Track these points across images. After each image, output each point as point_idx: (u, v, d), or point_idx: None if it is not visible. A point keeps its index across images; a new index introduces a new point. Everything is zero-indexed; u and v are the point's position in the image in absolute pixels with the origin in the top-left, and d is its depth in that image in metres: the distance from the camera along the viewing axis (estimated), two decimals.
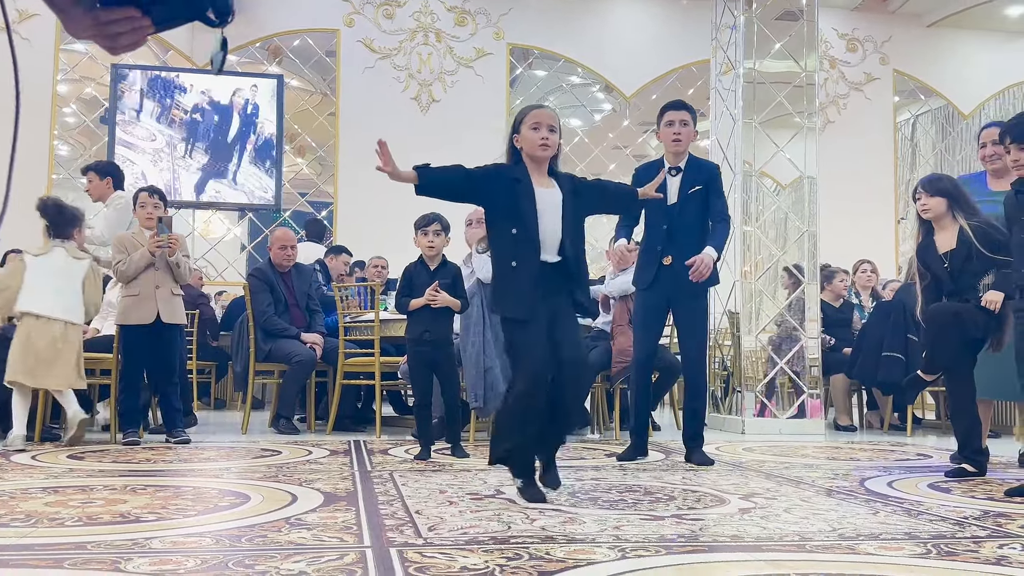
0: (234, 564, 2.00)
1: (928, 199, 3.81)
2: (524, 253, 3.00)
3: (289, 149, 9.61)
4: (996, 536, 2.44)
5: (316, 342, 5.63)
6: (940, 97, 10.75)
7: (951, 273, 3.73)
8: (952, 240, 3.74)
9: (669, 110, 4.27)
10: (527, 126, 3.09)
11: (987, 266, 3.67)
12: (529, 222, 3.00)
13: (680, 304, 4.23)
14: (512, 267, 3.00)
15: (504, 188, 3.05)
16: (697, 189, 4.18)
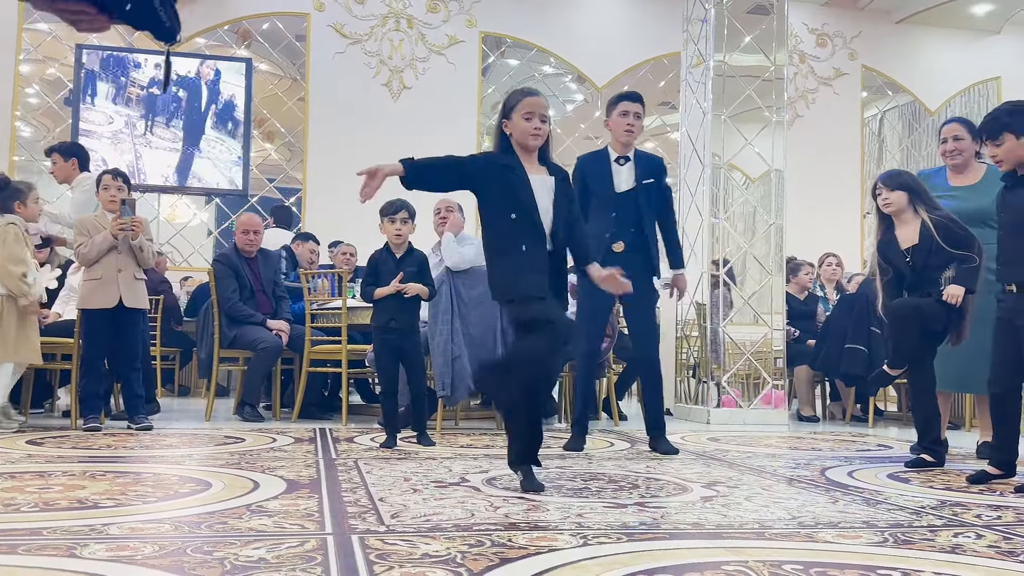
0: (192, 550, 1.98)
1: (889, 193, 3.85)
2: (531, 238, 2.93)
3: (257, 134, 9.50)
4: (952, 525, 2.48)
5: (282, 329, 5.59)
6: (907, 93, 10.87)
7: (913, 268, 3.77)
8: (914, 235, 3.78)
9: (625, 100, 4.27)
10: (519, 114, 3.00)
11: (948, 261, 3.72)
12: (529, 208, 2.94)
13: (630, 298, 4.17)
14: (522, 251, 2.91)
15: (497, 175, 2.98)
16: (650, 182, 4.24)
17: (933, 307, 3.70)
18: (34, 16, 8.69)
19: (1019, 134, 3.18)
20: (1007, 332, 3.25)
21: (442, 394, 4.86)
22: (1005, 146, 3.20)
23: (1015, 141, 3.19)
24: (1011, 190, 3.27)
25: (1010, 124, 3.18)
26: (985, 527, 2.45)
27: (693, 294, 6.42)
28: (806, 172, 9.22)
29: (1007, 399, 3.29)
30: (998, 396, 3.30)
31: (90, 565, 1.85)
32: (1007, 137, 3.19)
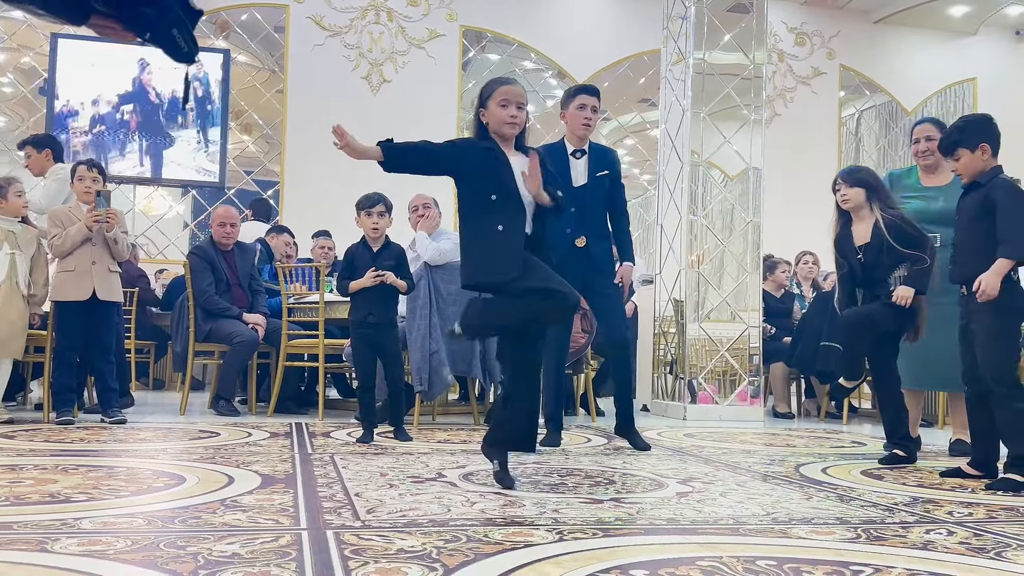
0: (165, 545, 1.96)
1: (848, 189, 3.90)
2: (510, 217, 2.90)
3: (235, 126, 9.43)
4: (924, 522, 2.51)
5: (258, 323, 5.55)
6: (884, 93, 10.96)
7: (864, 265, 3.84)
8: (868, 233, 3.85)
9: (582, 94, 4.24)
10: (495, 102, 2.99)
11: (899, 260, 3.77)
12: (510, 187, 2.91)
13: (596, 287, 4.20)
14: (498, 231, 2.87)
15: (477, 157, 2.96)
16: (604, 174, 4.24)
17: (883, 311, 3.76)
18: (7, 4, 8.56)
19: (972, 148, 3.28)
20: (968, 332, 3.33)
21: (419, 389, 4.85)
22: (962, 161, 3.31)
23: (970, 155, 3.29)
24: (963, 197, 3.39)
25: (961, 140, 3.29)
26: (957, 524, 2.48)
27: (671, 291, 6.45)
28: (784, 170, 9.27)
29: (981, 399, 3.34)
30: (974, 396, 3.35)
31: (62, 560, 1.83)
32: (962, 152, 3.30)
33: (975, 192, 3.32)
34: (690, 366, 6.22)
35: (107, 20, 1.38)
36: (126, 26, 1.40)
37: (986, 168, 3.31)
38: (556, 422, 4.26)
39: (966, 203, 3.37)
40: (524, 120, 3.02)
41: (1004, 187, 3.24)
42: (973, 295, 3.21)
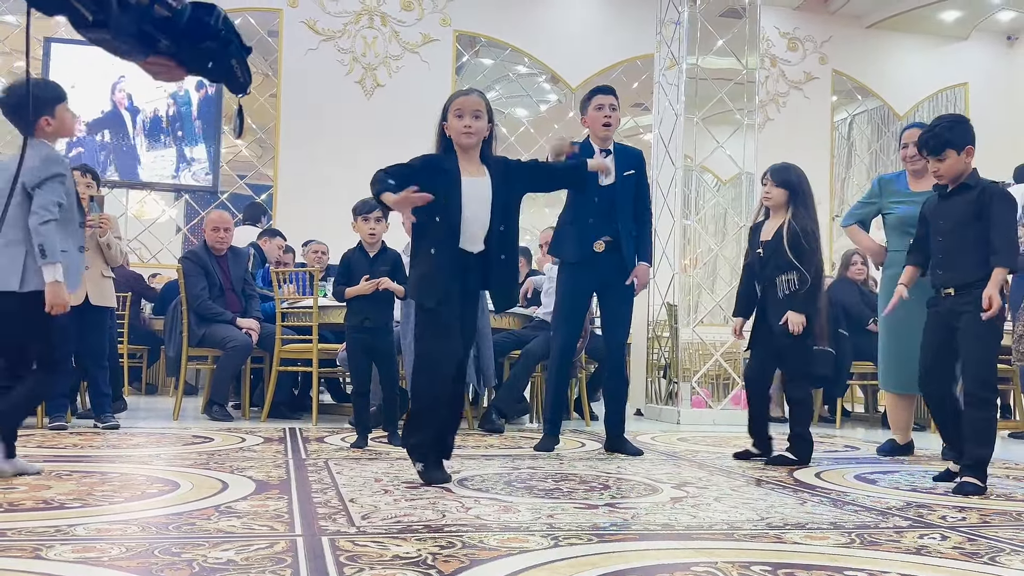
0: (160, 552, 1.96)
1: (773, 188, 3.97)
2: (443, 241, 3.00)
3: (228, 130, 9.42)
4: (917, 526, 2.51)
5: (252, 327, 5.54)
6: (876, 98, 11.01)
7: (761, 260, 3.94)
8: (771, 232, 3.95)
9: (599, 94, 4.26)
10: (452, 113, 3.09)
11: (787, 267, 3.83)
12: (452, 211, 3.00)
13: (609, 289, 4.21)
14: (430, 254, 3.01)
15: (432, 176, 3.04)
16: (631, 173, 4.24)
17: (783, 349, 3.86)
18: (1, 8, 8.54)
19: (959, 149, 3.24)
20: (939, 333, 3.31)
21: None
22: (947, 162, 3.25)
23: (956, 157, 3.24)
24: (946, 199, 3.34)
25: (951, 140, 3.23)
26: (950, 528, 2.49)
27: (664, 295, 6.46)
28: None
29: (945, 401, 3.38)
30: (935, 399, 3.40)
31: (56, 567, 1.83)
32: (949, 153, 3.24)
33: (964, 195, 3.28)
34: (683, 370, 6.23)
35: (165, 59, 1.41)
36: (183, 62, 1.43)
37: (966, 171, 3.29)
38: (554, 427, 4.25)
39: (953, 206, 3.30)
40: (482, 128, 3.08)
41: (1000, 195, 3.23)
42: (961, 297, 3.21)
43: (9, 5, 8.58)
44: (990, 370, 3.21)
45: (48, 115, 3.16)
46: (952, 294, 3.27)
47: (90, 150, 8.33)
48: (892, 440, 4.39)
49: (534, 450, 4.14)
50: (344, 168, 8.55)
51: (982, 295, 3.12)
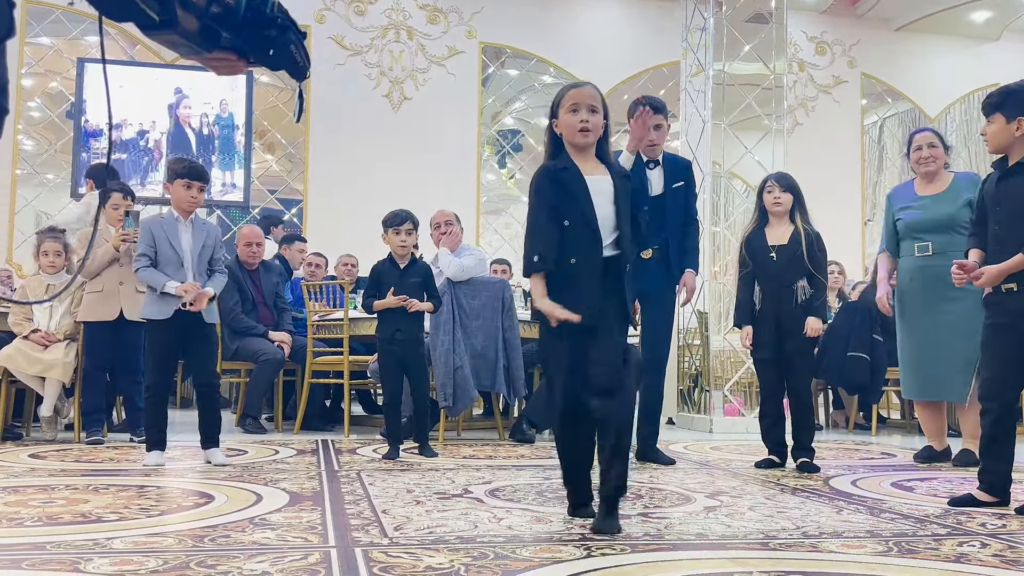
0: (196, 564, 1.97)
1: (781, 194, 4.02)
2: (584, 246, 2.58)
3: (258, 146, 9.52)
4: (956, 534, 2.47)
5: (284, 340, 5.59)
6: (907, 100, 10.88)
7: (775, 264, 3.94)
8: (784, 237, 3.97)
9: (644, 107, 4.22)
10: (564, 109, 2.67)
11: (802, 273, 3.89)
12: (585, 210, 2.59)
13: (651, 299, 4.20)
14: (571, 264, 2.57)
15: (555, 182, 2.65)
16: (680, 185, 4.27)
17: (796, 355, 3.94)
18: (36, 30, 8.72)
19: (1010, 117, 3.00)
20: (1006, 338, 2.95)
21: (444, 405, 4.85)
22: (993, 127, 3.04)
23: (1004, 123, 3.01)
24: (1005, 180, 3.04)
25: (1003, 105, 3.03)
26: (990, 536, 2.44)
27: (695, 303, 6.42)
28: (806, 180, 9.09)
29: (1005, 416, 2.97)
30: (995, 413, 2.96)
31: None
32: (997, 118, 3.03)
33: (1020, 176, 2.98)
34: (715, 378, 6.18)
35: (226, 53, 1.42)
36: (244, 54, 1.44)
37: (1015, 145, 3.01)
38: None
39: (1012, 189, 2.99)
40: (600, 124, 2.68)
41: None
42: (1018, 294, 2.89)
43: (45, 27, 8.76)
44: None
45: None
46: (1015, 290, 2.92)
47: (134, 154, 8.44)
48: (929, 447, 4.33)
49: None
50: (373, 181, 8.62)
51: None
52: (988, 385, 3.01)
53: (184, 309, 3.83)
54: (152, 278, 3.85)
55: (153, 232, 3.94)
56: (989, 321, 3.04)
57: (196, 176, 3.92)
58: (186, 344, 3.92)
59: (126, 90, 8.40)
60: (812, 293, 3.90)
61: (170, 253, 3.91)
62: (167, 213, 4.04)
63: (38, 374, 4.71)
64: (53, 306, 4.88)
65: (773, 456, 4.00)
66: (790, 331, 3.91)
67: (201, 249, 3.96)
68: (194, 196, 3.93)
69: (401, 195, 7.50)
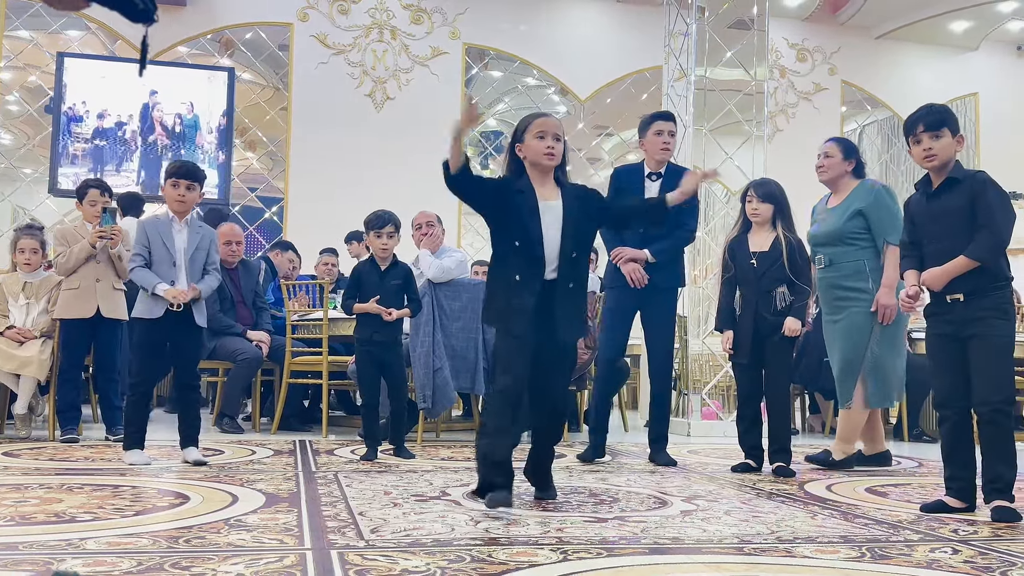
0: (171, 566, 1.96)
1: (760, 204, 4.06)
2: (528, 268, 2.90)
3: (239, 143, 9.47)
4: (928, 540, 2.50)
5: (263, 340, 5.56)
6: (886, 108, 10.98)
7: (755, 271, 3.98)
8: (765, 244, 4.01)
9: (659, 120, 4.40)
10: (532, 135, 2.97)
11: (782, 280, 3.95)
12: (533, 235, 2.90)
13: (650, 304, 4.33)
14: (516, 281, 2.89)
15: (509, 200, 2.95)
16: None
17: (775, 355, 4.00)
18: (16, 23, 8.63)
19: (954, 133, 3.02)
20: (951, 347, 3.00)
21: (423, 406, 4.85)
22: (943, 141, 3.01)
23: (950, 139, 3.01)
24: (936, 198, 3.06)
25: (948, 120, 3.03)
26: (962, 542, 2.47)
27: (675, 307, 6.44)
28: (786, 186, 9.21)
29: (961, 423, 2.99)
30: (952, 420, 2.99)
31: None
32: (945, 132, 3.01)
33: (953, 191, 3.01)
34: (694, 382, 6.21)
35: None
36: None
37: (952, 160, 3.04)
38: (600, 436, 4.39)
39: (943, 205, 3.02)
40: (561, 152, 2.97)
41: (990, 181, 2.98)
42: (972, 303, 2.92)
43: (24, 20, 8.67)
44: (1011, 384, 2.96)
45: None
46: (961, 300, 2.96)
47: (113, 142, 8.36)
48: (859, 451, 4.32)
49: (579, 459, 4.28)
50: (354, 180, 8.60)
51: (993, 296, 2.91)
52: (942, 394, 3.04)
53: (174, 309, 3.83)
54: (143, 279, 3.84)
55: (148, 232, 3.94)
56: (933, 332, 3.07)
57: (182, 175, 3.91)
58: (173, 344, 3.90)
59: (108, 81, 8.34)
60: (792, 298, 3.94)
61: (164, 253, 3.90)
62: (163, 214, 4.02)
63: (13, 371, 4.66)
64: (30, 303, 4.83)
65: (750, 460, 4.03)
66: (769, 337, 3.95)
67: (195, 251, 3.95)
68: (181, 195, 3.90)
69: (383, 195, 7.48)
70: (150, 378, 3.99)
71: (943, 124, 3.02)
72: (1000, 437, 2.90)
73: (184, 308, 3.84)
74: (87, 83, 8.33)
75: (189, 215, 3.99)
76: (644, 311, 4.37)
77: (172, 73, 8.53)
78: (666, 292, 4.37)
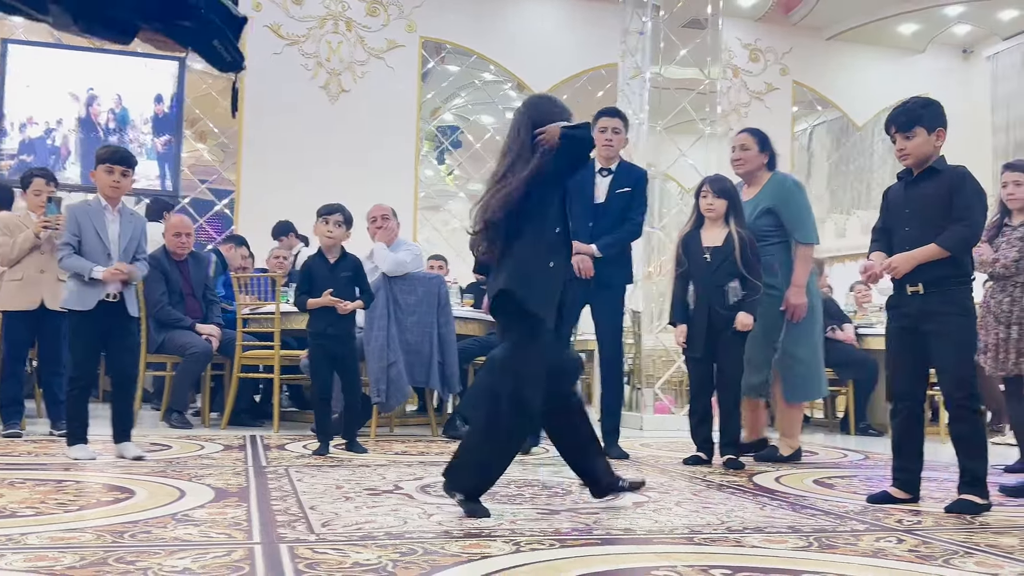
0: (115, 560, 1.92)
1: (715, 199, 4.06)
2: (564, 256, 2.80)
3: (189, 134, 9.31)
4: (874, 530, 2.55)
5: (212, 333, 5.48)
6: (835, 109, 11.18)
7: (709, 266, 4.01)
8: (719, 239, 4.03)
9: (603, 116, 4.43)
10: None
11: (734, 274, 3.97)
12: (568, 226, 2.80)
13: (597, 300, 4.36)
14: (550, 268, 2.71)
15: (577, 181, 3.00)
16: (625, 191, 4.36)
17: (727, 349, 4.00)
18: None
19: (930, 129, 3.03)
20: (908, 340, 3.03)
21: (377, 400, 4.81)
22: (916, 140, 3.03)
23: (925, 136, 3.02)
24: (913, 186, 3.09)
25: (923, 117, 3.03)
26: (906, 532, 2.53)
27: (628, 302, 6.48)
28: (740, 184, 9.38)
29: (915, 415, 3.05)
30: (905, 412, 3.04)
31: None
32: (919, 131, 3.02)
33: (932, 180, 3.03)
34: (647, 376, 6.26)
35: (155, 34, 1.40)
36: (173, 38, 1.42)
37: (934, 155, 3.06)
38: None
39: (920, 193, 3.05)
40: None
41: (970, 177, 2.99)
42: (932, 296, 2.95)
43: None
44: (972, 376, 2.95)
45: None
46: (921, 292, 2.98)
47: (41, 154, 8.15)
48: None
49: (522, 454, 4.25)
50: (308, 173, 8.50)
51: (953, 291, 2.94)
52: (896, 386, 3.09)
53: (108, 300, 3.72)
54: (77, 264, 3.70)
55: (79, 220, 3.78)
56: (892, 324, 3.12)
57: (118, 160, 3.78)
58: (107, 336, 3.80)
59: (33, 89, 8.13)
60: (745, 293, 3.98)
61: (96, 243, 3.76)
62: (94, 201, 3.87)
63: None
64: None
65: (701, 453, 4.07)
66: (721, 331, 3.99)
67: (128, 241, 3.84)
68: (116, 181, 3.78)
69: (337, 188, 7.41)
70: (89, 371, 3.88)
71: (915, 124, 3.03)
72: (967, 432, 2.94)
73: (120, 298, 3.75)
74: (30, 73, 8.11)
75: (120, 203, 3.88)
76: (593, 306, 4.40)
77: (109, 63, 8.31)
78: (614, 289, 4.42)
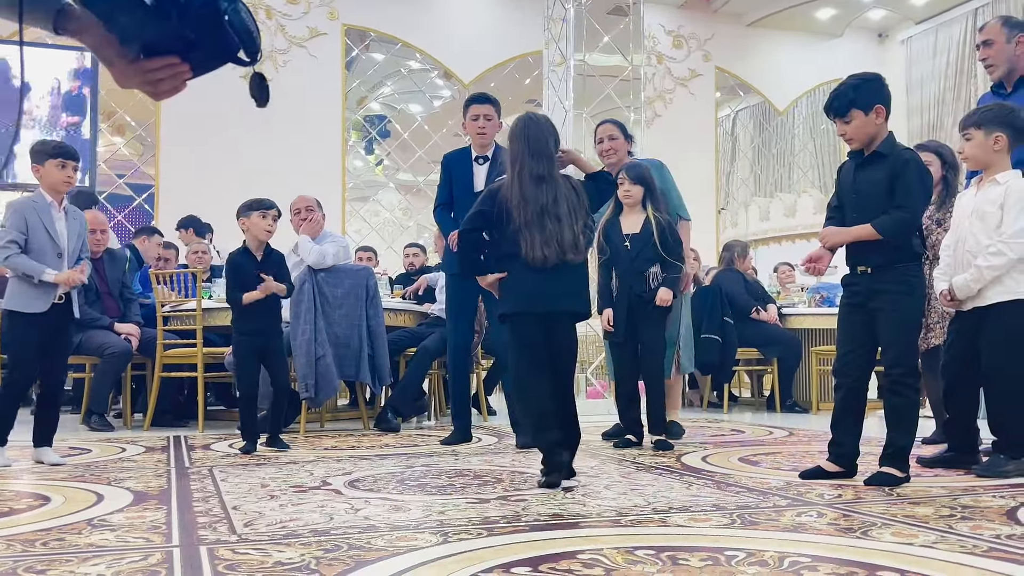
0: (24, 570, 1.85)
1: (631, 186, 4.12)
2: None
3: (105, 128, 9.01)
4: (796, 504, 2.60)
5: (131, 333, 5.31)
6: (757, 94, 11.39)
7: (629, 252, 4.08)
8: (637, 225, 4.10)
9: (473, 104, 4.40)
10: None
11: (656, 259, 4.04)
12: None
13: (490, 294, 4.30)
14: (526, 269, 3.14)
15: None
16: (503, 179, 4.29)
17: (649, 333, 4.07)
18: None
19: (867, 109, 3.00)
20: (856, 317, 3.07)
21: (305, 396, 4.74)
22: (854, 124, 3.01)
23: (863, 118, 3.00)
24: (861, 168, 3.08)
25: (856, 100, 3.00)
26: (827, 506, 2.59)
27: None
28: None
29: (858, 391, 3.10)
30: (850, 388, 3.08)
31: None
32: (855, 114, 3.00)
33: (878, 164, 3.02)
34: (579, 362, 6.29)
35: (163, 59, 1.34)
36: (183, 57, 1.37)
37: (880, 134, 3.03)
38: (463, 421, 4.40)
39: (867, 177, 3.04)
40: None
41: (913, 161, 3.00)
42: (879, 276, 3.00)
43: None
44: (914, 354, 3.05)
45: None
46: (869, 272, 3.03)
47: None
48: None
49: (441, 443, 4.24)
50: (230, 165, 8.32)
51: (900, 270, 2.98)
52: (841, 362, 3.14)
53: (59, 303, 3.57)
54: (26, 265, 3.52)
55: (27, 217, 3.58)
56: (844, 300, 3.17)
57: (70, 155, 3.63)
58: (49, 339, 3.60)
59: None
60: (665, 275, 4.03)
61: (47, 241, 3.58)
62: (38, 196, 3.66)
63: None
64: None
65: (630, 436, 4.11)
66: (644, 316, 4.03)
67: (76, 239, 3.68)
68: (69, 176, 3.63)
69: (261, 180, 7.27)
70: (29, 374, 3.68)
71: (850, 107, 3.01)
72: (900, 406, 3.00)
73: (66, 300, 3.60)
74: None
75: (64, 199, 3.73)
76: (486, 300, 4.32)
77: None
78: None
